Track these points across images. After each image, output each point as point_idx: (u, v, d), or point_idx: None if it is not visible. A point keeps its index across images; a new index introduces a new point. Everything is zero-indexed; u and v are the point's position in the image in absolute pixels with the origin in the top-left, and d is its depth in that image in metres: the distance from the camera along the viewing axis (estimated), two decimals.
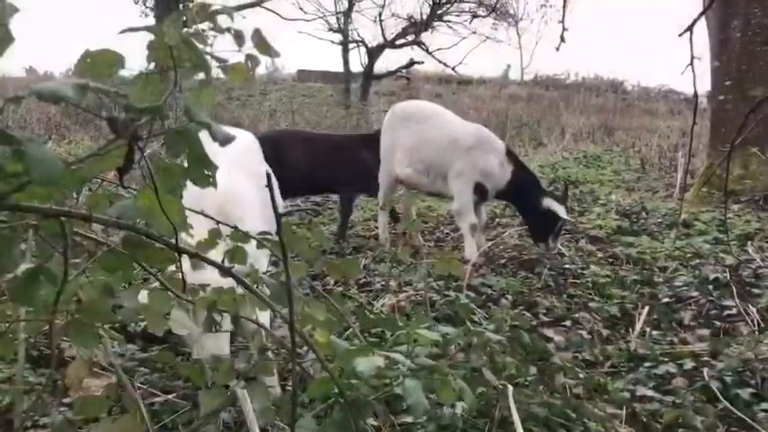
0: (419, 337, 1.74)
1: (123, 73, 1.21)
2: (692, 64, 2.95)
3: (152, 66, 1.16)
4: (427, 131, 5.51)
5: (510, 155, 5.46)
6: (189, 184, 1.20)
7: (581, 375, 2.70)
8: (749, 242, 5.34)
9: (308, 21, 21.35)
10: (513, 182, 5.31)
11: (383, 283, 4.41)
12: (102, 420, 1.70)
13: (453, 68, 21.83)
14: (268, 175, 1.24)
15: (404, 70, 22.18)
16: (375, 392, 1.62)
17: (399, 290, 4.24)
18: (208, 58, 1.14)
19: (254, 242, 1.53)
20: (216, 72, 1.27)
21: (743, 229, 5.83)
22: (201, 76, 1.22)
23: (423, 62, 21.98)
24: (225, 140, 1.02)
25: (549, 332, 3.68)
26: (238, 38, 1.24)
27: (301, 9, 21.14)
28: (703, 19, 8.67)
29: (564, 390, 2.60)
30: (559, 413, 2.34)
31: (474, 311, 3.59)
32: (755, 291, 4.10)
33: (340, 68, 21.86)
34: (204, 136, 1.10)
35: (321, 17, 21.39)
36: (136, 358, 3.02)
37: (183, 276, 1.41)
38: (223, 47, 1.29)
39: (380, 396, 1.61)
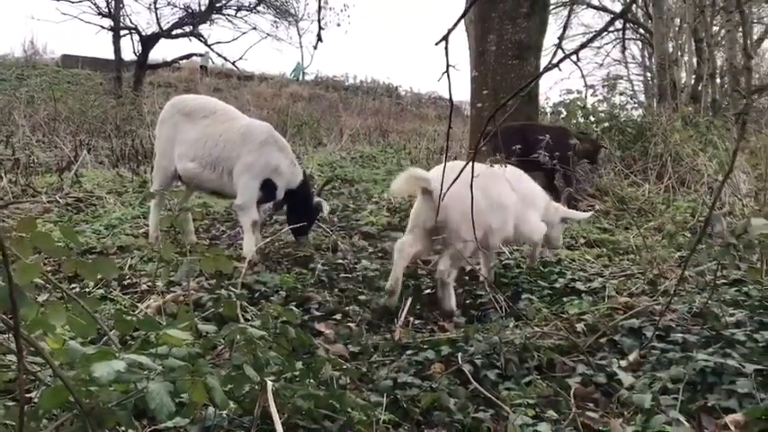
0: (169, 337, 1.66)
1: None
2: (447, 72, 3.17)
3: None
4: (214, 125, 5.28)
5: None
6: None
7: (344, 366, 2.78)
8: None
9: (73, 2, 19.56)
10: (304, 182, 5.36)
11: (150, 283, 4.18)
12: None
13: (234, 63, 21.45)
14: None
15: (182, 60, 21.32)
16: (123, 398, 1.52)
17: (167, 290, 4.05)
18: None
19: None
20: None
21: None
22: None
23: (207, 53, 21.28)
24: None
25: (320, 326, 3.76)
26: None
27: None
28: (466, 32, 9.45)
29: (331, 381, 2.66)
30: (324, 404, 2.39)
31: (246, 309, 3.54)
32: (504, 280, 4.53)
33: (111, 56, 20.34)
34: None
35: None
36: None
37: None
38: None
39: (125, 402, 1.51)
